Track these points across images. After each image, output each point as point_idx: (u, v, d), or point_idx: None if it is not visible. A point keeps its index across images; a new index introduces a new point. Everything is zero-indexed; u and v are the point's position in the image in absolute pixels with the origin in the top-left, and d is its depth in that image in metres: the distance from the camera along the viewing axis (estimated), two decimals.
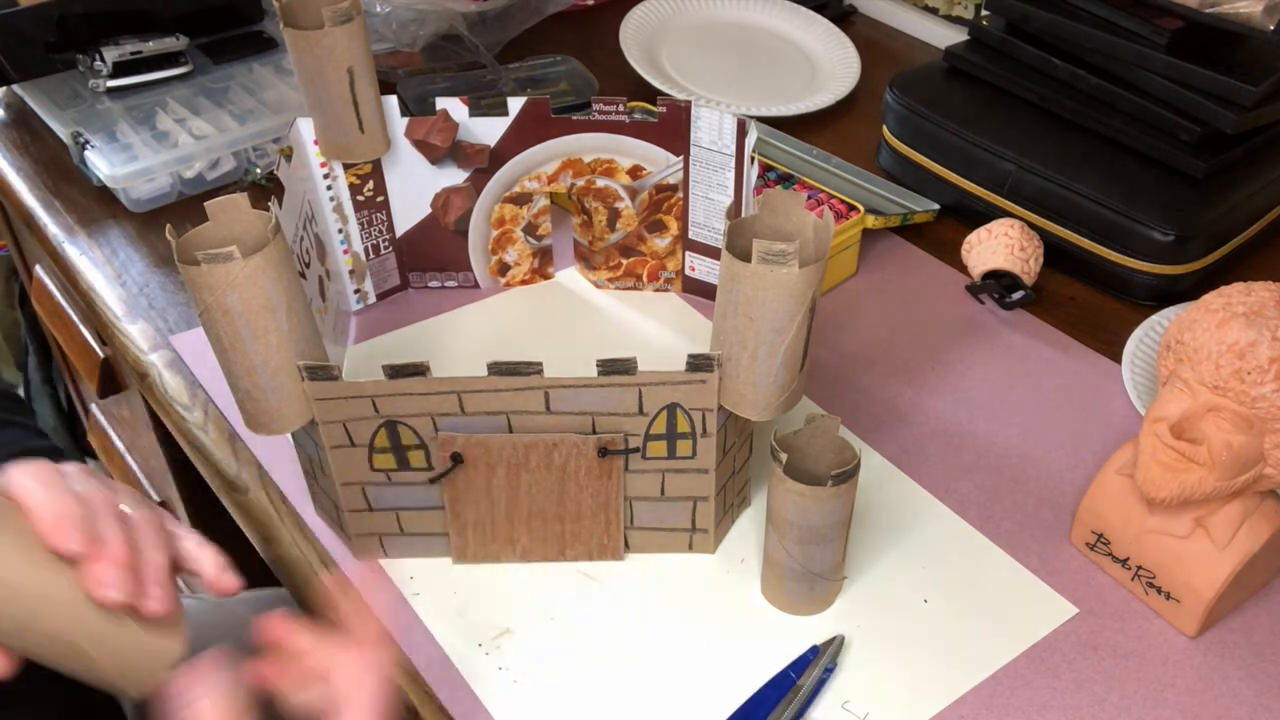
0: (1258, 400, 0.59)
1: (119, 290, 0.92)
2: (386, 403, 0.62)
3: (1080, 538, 0.71)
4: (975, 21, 1.02)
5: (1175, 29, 0.88)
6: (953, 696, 0.63)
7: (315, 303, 0.76)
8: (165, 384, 0.83)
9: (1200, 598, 0.64)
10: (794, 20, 1.27)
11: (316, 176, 0.82)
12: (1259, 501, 0.64)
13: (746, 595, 0.68)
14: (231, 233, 0.61)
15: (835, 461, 0.64)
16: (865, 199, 0.97)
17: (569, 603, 0.68)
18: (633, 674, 0.64)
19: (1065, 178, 0.91)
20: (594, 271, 0.91)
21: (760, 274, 0.56)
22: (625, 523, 0.69)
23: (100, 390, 1.13)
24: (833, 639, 0.65)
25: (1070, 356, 0.86)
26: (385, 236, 0.87)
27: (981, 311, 0.90)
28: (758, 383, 0.61)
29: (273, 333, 0.59)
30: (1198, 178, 0.89)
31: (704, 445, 0.65)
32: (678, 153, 0.83)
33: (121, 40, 1.08)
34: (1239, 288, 0.62)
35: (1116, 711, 0.62)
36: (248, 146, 1.03)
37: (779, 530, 0.63)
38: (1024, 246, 0.89)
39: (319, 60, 0.75)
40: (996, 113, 0.98)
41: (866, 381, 0.84)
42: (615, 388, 0.62)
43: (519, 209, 0.88)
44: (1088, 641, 0.66)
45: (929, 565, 0.70)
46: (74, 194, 1.03)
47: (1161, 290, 0.90)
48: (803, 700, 0.61)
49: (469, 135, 0.83)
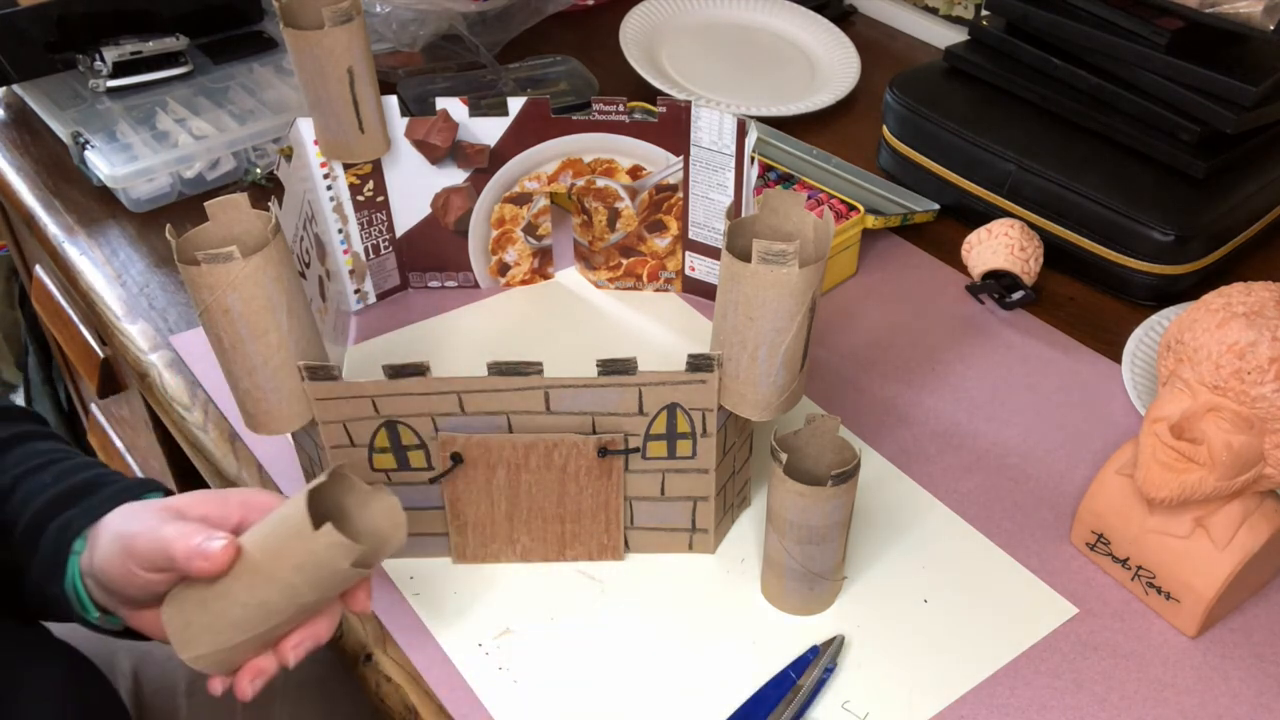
0: (1258, 400, 0.59)
1: (119, 290, 0.92)
2: (386, 403, 0.62)
3: (1080, 538, 0.71)
4: (975, 21, 1.02)
5: (1175, 29, 0.88)
6: (953, 696, 0.63)
7: (315, 303, 0.76)
8: (165, 384, 0.83)
9: (1200, 598, 0.64)
10: (794, 20, 1.27)
11: (316, 176, 0.82)
12: (1259, 501, 0.64)
13: (746, 595, 0.68)
14: (231, 233, 0.61)
15: (835, 461, 0.64)
16: (865, 199, 0.97)
17: (569, 603, 0.68)
18: (633, 674, 0.64)
19: (1065, 178, 0.91)
20: (594, 271, 0.91)
21: (760, 274, 0.56)
22: (625, 523, 0.69)
23: (100, 390, 1.13)
24: (833, 639, 0.65)
25: (1070, 356, 0.86)
26: (385, 236, 0.87)
27: (981, 311, 0.90)
28: (758, 383, 0.61)
29: (273, 333, 0.59)
30: (1198, 178, 0.89)
31: (704, 445, 0.65)
32: (678, 153, 0.83)
33: (121, 40, 1.08)
34: (1239, 288, 0.62)
35: (1116, 711, 0.62)
36: (248, 146, 1.03)
37: (779, 530, 0.63)
38: (1024, 246, 0.89)
39: (319, 60, 0.75)
40: (996, 113, 0.98)
41: (866, 381, 0.84)
42: (615, 388, 0.62)
43: (519, 209, 0.88)
44: (1087, 641, 0.66)
45: (929, 565, 0.70)
46: (74, 194, 1.03)
47: (1161, 290, 0.90)
48: (803, 700, 0.61)
49: (469, 135, 0.83)
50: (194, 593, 0.55)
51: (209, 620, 0.55)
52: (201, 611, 0.55)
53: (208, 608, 0.54)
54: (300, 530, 0.52)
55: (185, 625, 0.55)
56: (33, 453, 0.66)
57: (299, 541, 0.52)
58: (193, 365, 0.84)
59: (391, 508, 0.56)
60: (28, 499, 0.63)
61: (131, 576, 0.55)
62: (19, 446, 0.67)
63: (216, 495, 0.58)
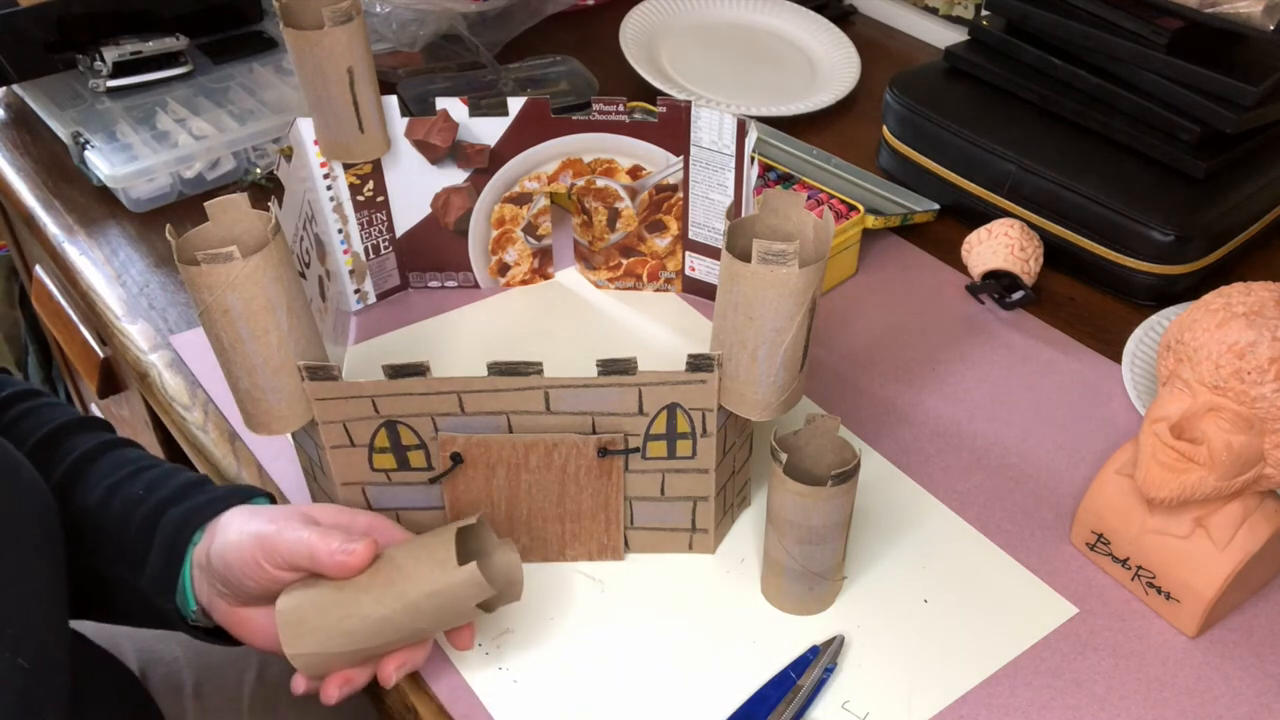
0: (1258, 400, 0.59)
1: (119, 290, 0.92)
2: (386, 403, 0.62)
3: (1080, 538, 0.71)
4: (975, 21, 1.02)
5: (1175, 29, 0.88)
6: (953, 696, 0.63)
7: (315, 303, 0.76)
8: (165, 384, 0.83)
9: (1200, 598, 0.64)
10: (794, 20, 1.27)
11: (316, 176, 0.82)
12: (1259, 501, 0.64)
13: (746, 595, 0.68)
14: (231, 233, 0.61)
15: (835, 461, 0.64)
16: (865, 199, 0.97)
17: (569, 603, 0.68)
18: (633, 674, 0.64)
19: (1065, 178, 0.91)
20: (594, 271, 0.91)
21: (760, 274, 0.56)
22: (625, 523, 0.69)
23: (100, 390, 1.13)
24: (833, 639, 0.65)
25: (1070, 356, 0.86)
26: (385, 236, 0.87)
27: (981, 311, 0.90)
28: (758, 383, 0.61)
29: (273, 333, 0.59)
30: (1198, 178, 0.89)
31: (704, 445, 0.65)
32: (678, 153, 0.83)
33: (121, 40, 1.08)
34: (1239, 288, 0.62)
35: (1116, 711, 0.62)
36: (248, 146, 1.03)
37: (779, 530, 0.63)
38: (1024, 246, 0.89)
39: (319, 60, 0.75)
40: (996, 113, 0.98)
41: (866, 381, 0.84)
42: (615, 388, 0.62)
43: (519, 209, 0.88)
44: (1087, 641, 0.66)
45: (929, 565, 0.70)
46: (74, 194, 1.03)
47: (1161, 290, 0.90)
48: (803, 700, 0.61)
49: (469, 135, 0.83)
50: (316, 594, 0.58)
51: (326, 624, 0.57)
52: (319, 614, 0.57)
53: (327, 612, 0.57)
54: (444, 561, 0.57)
55: (299, 622, 0.57)
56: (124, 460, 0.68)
57: (440, 571, 0.57)
58: (193, 365, 0.84)
59: (514, 564, 0.61)
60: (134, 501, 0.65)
61: (260, 572, 0.58)
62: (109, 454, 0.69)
63: (343, 511, 0.62)
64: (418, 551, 0.58)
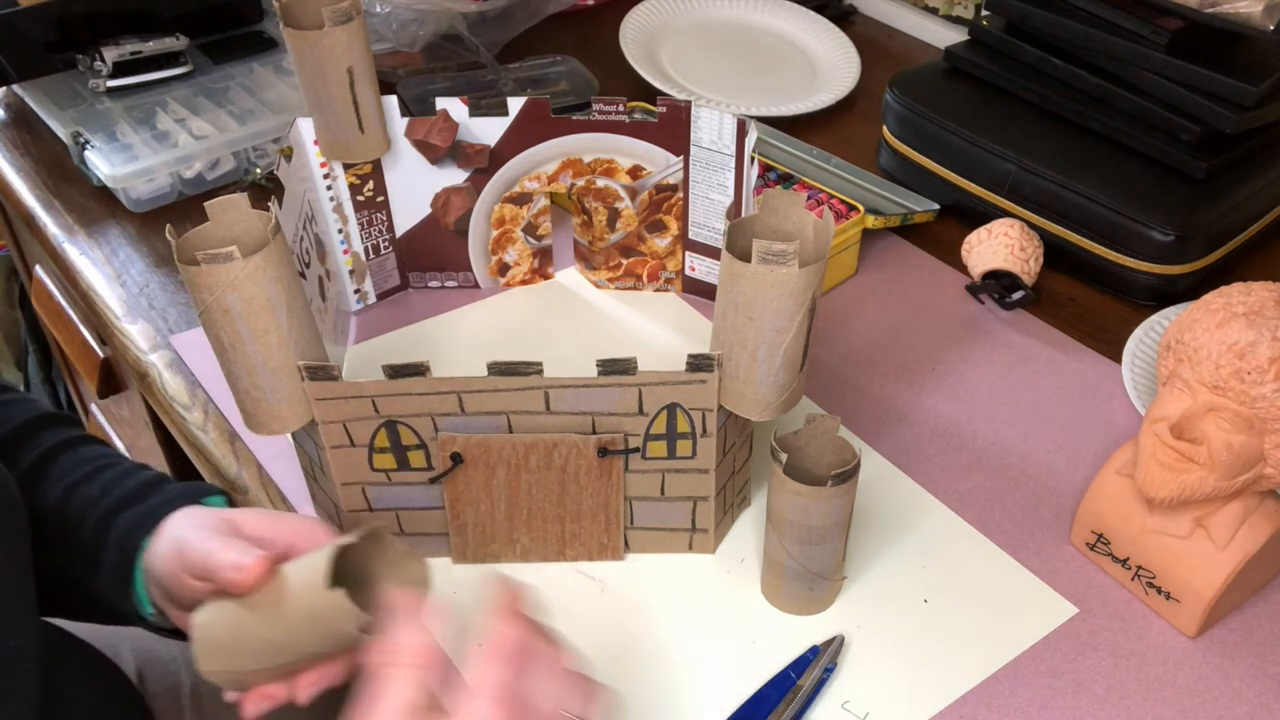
0: (1258, 400, 0.59)
1: (119, 290, 0.92)
2: (386, 403, 0.62)
3: (1080, 538, 0.71)
4: (975, 21, 1.02)
5: (1175, 29, 0.88)
6: (953, 696, 0.63)
7: (315, 303, 0.76)
8: (165, 384, 0.83)
9: (1200, 598, 0.64)
10: (794, 20, 1.27)
11: (316, 176, 0.82)
12: (1259, 501, 0.64)
13: (746, 595, 0.68)
14: (231, 233, 0.61)
15: (835, 461, 0.64)
16: (865, 199, 0.97)
17: (569, 603, 0.68)
18: (633, 674, 0.64)
19: (1065, 178, 0.91)
20: (594, 271, 0.91)
21: (760, 274, 0.56)
22: (625, 523, 0.69)
23: (100, 390, 1.13)
24: (833, 639, 0.65)
25: (1070, 356, 0.86)
26: (385, 236, 0.87)
27: (981, 311, 0.90)
28: (758, 383, 0.61)
29: (273, 333, 0.59)
30: (1198, 178, 0.89)
31: (704, 445, 0.65)
32: (678, 153, 0.83)
33: (121, 40, 1.08)
34: (1239, 288, 0.62)
35: (1116, 711, 0.62)
36: (248, 146, 1.03)
37: (779, 530, 0.63)
38: (1024, 246, 0.89)
39: (319, 60, 0.75)
40: (996, 113, 0.98)
41: (866, 381, 0.84)
42: (615, 388, 0.62)
43: (519, 209, 0.88)
44: (1087, 641, 0.66)
45: (929, 565, 0.70)
46: (74, 194, 1.03)
47: (1161, 290, 0.90)
48: (803, 700, 0.61)
49: (469, 135, 0.83)
50: (223, 611, 0.56)
51: (230, 643, 0.56)
52: (224, 631, 0.56)
53: (231, 631, 0.56)
54: (317, 584, 0.53)
55: (208, 639, 0.56)
56: (83, 458, 0.67)
57: (314, 594, 0.53)
58: (193, 365, 0.84)
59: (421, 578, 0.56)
60: (89, 502, 0.64)
61: (180, 582, 0.57)
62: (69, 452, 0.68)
63: (272, 517, 0.59)
64: (302, 571, 0.55)
